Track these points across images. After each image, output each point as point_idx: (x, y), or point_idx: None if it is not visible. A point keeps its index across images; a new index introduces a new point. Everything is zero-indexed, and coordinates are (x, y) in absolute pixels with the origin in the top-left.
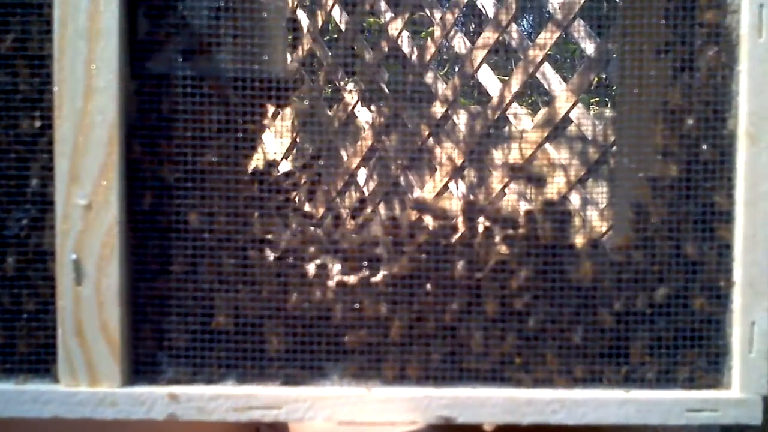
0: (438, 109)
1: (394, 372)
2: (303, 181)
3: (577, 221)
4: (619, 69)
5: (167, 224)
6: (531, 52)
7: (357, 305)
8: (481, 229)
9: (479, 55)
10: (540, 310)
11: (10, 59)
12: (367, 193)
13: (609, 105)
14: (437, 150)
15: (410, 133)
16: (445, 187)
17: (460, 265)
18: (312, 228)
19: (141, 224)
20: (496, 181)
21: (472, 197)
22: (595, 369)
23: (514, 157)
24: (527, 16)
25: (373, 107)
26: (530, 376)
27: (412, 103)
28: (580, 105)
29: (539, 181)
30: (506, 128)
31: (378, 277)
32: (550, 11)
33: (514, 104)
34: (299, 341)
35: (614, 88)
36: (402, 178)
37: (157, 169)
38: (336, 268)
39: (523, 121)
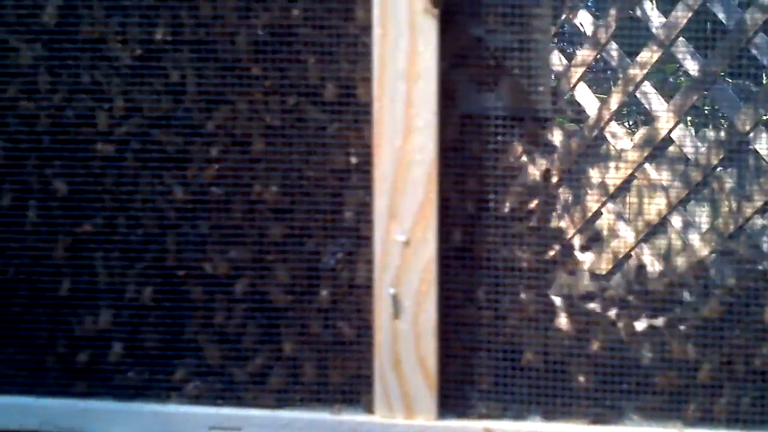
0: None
1: (701, 414)
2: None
3: (677, 244)
4: None
5: (476, 260)
6: (631, 71)
7: (664, 347)
8: None
9: (577, 72)
10: None
11: (333, 105)
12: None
13: (711, 126)
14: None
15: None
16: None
17: None
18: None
19: (452, 260)
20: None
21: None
22: None
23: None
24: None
25: None
26: None
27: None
28: (681, 125)
29: None
30: (604, 147)
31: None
32: (653, 30)
33: (613, 123)
34: (606, 380)
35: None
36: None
37: (465, 206)
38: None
39: (622, 140)
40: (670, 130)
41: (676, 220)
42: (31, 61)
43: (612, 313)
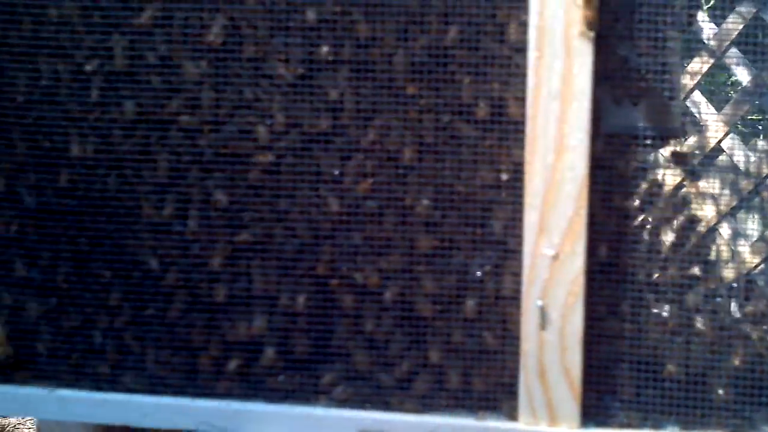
0: None
1: None
2: None
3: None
4: None
5: (621, 274)
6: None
7: None
8: None
9: None
10: None
11: (485, 123)
12: None
13: (762, 136)
14: None
15: None
16: None
17: None
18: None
19: (597, 274)
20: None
21: None
22: None
23: None
24: None
25: None
26: None
27: None
28: (732, 135)
29: None
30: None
31: None
32: (704, 39)
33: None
34: (745, 393)
35: None
36: None
37: (610, 222)
38: None
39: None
40: (721, 140)
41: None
42: (196, 78)
43: (750, 326)
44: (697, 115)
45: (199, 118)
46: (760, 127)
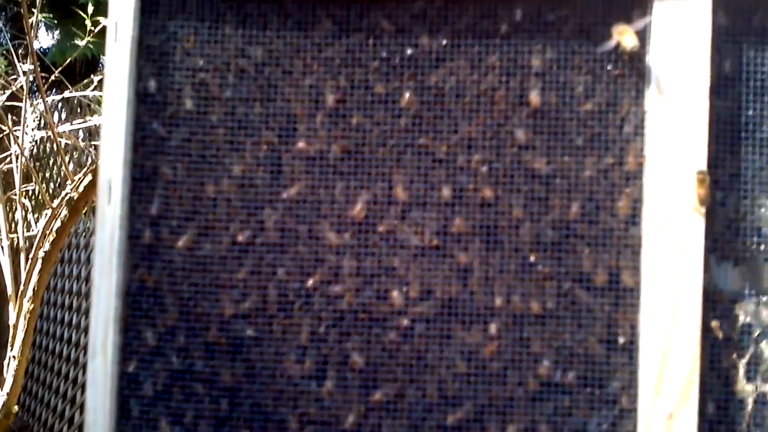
0: None
1: None
2: None
3: None
4: None
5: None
6: None
7: None
8: None
9: None
10: None
11: (603, 290)
12: None
13: None
14: None
15: None
16: None
17: None
18: None
19: None
20: None
21: None
22: None
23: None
24: None
25: None
26: None
27: None
28: None
29: None
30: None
31: None
32: None
33: None
34: None
35: None
36: None
37: (718, 384)
38: None
39: None
40: None
41: None
42: (340, 248)
43: None
44: None
45: (342, 285)
46: None
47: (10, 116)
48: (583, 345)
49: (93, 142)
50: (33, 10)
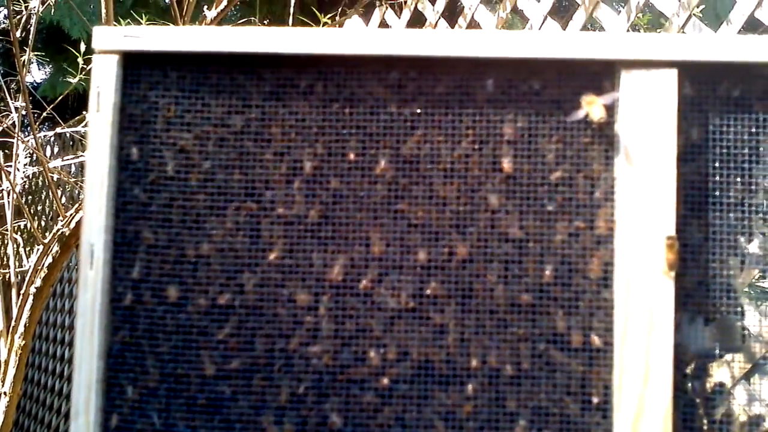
0: None
1: None
2: None
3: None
4: None
5: None
6: None
7: None
8: None
9: None
10: None
11: (577, 351)
12: None
13: None
14: None
15: None
16: None
17: None
18: None
19: None
20: None
21: None
22: None
23: None
24: None
25: None
26: None
27: None
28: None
29: None
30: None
31: None
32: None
33: None
34: None
35: None
36: None
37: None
38: None
39: None
40: None
41: None
42: (319, 311)
43: None
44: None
45: (320, 347)
46: None
47: (1, 152)
48: (558, 405)
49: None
50: (25, 48)
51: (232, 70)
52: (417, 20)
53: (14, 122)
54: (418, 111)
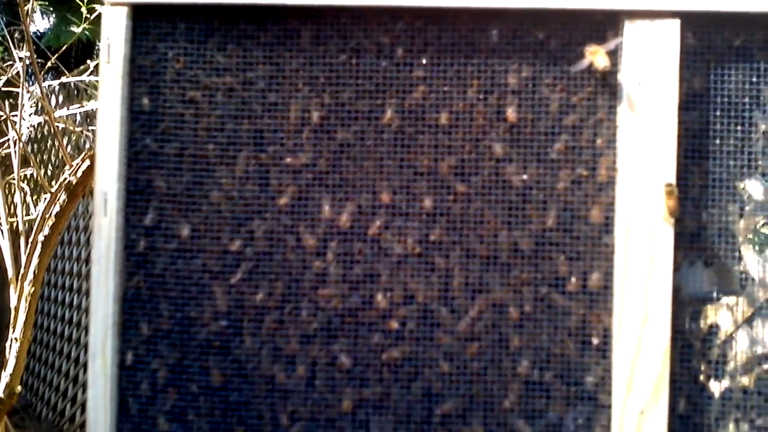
0: None
1: None
2: None
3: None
4: None
5: (699, 428)
6: None
7: None
8: None
9: None
10: None
11: (577, 294)
12: None
13: None
14: None
15: None
16: None
17: None
18: None
19: (677, 427)
20: None
21: None
22: None
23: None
24: None
25: None
26: None
27: None
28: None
29: None
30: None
31: None
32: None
33: None
34: None
35: None
36: None
37: (690, 381)
38: None
39: None
40: None
41: None
42: (327, 255)
43: None
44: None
45: (329, 290)
46: None
47: (7, 102)
48: (559, 345)
49: (91, 127)
50: None
51: (240, 21)
52: None
53: (19, 72)
54: (424, 61)
